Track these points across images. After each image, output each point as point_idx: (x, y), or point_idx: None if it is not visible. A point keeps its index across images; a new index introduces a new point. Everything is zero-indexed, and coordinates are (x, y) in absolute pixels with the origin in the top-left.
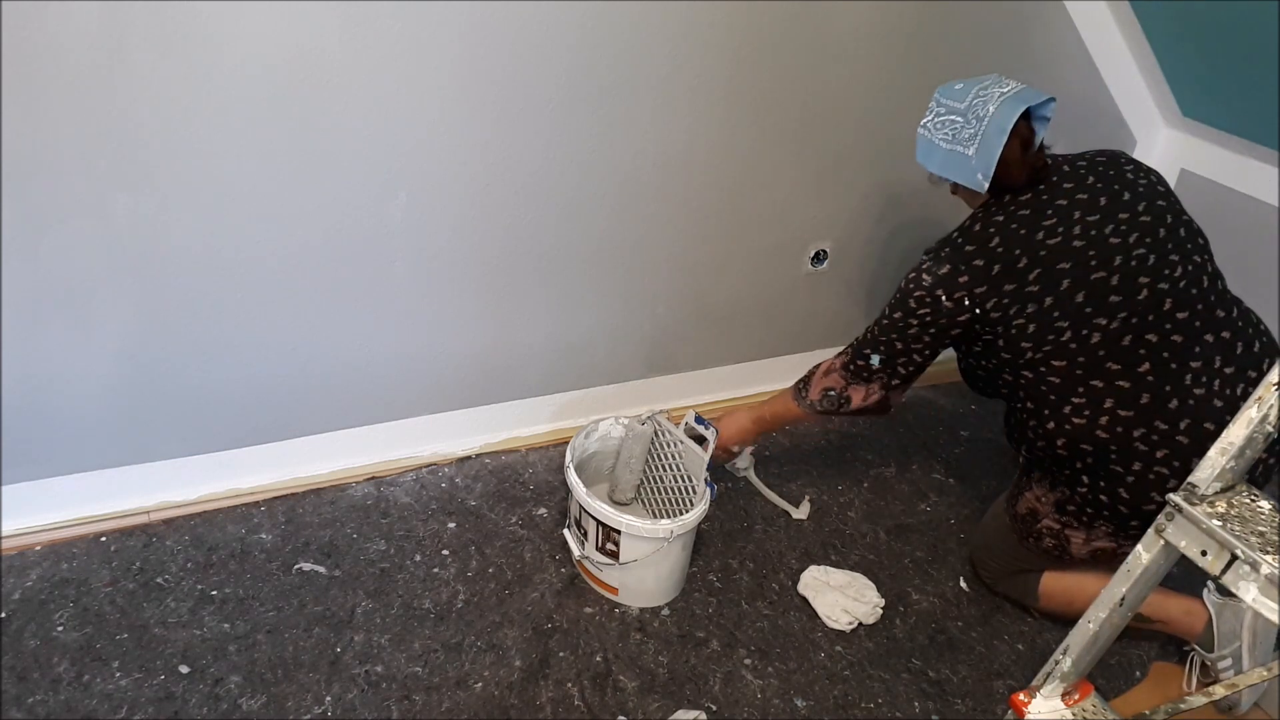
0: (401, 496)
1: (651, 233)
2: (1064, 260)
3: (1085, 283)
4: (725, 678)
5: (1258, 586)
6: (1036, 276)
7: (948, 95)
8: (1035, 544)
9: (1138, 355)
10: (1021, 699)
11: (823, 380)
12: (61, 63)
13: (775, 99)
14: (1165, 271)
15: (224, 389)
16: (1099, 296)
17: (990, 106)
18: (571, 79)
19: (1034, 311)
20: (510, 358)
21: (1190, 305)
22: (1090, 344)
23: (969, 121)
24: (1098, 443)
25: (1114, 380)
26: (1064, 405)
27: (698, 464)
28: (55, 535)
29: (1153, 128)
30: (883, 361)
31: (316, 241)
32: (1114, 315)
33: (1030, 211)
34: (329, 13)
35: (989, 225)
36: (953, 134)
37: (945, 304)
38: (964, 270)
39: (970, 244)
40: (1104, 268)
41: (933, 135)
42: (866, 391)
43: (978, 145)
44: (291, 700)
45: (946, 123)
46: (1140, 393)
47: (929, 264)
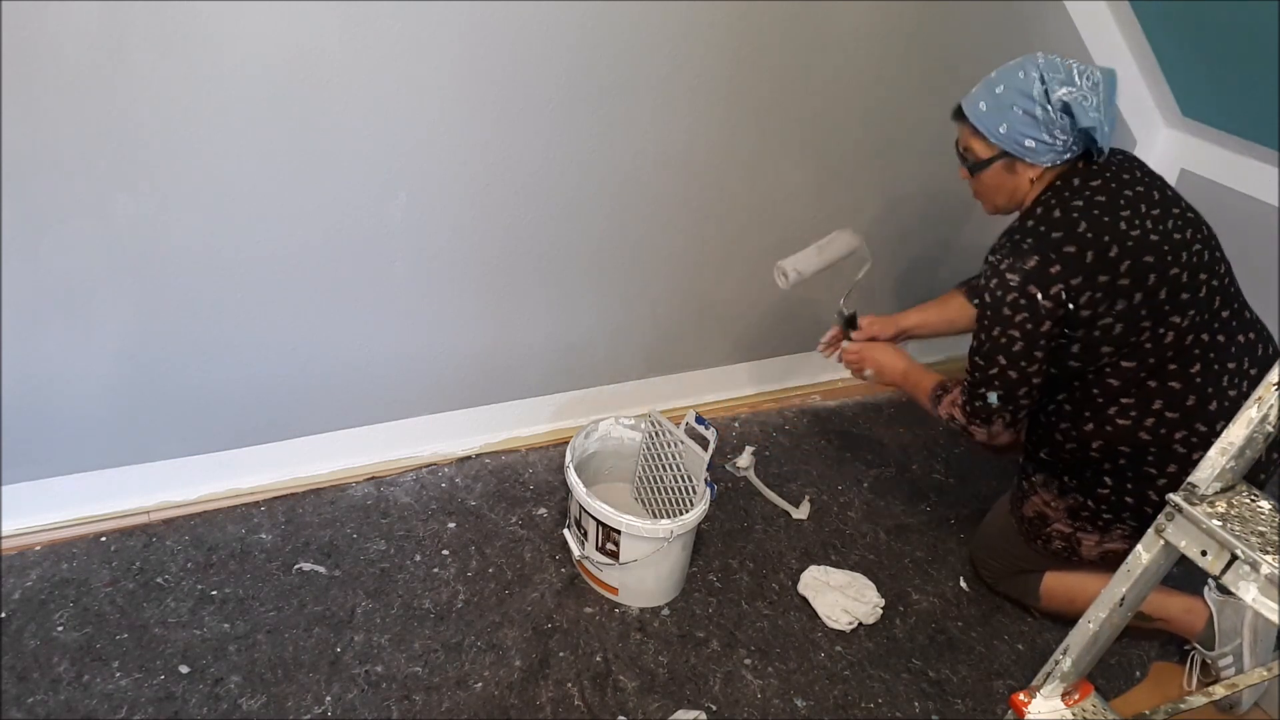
0: (401, 496)
1: (652, 233)
2: (1148, 254)
3: (1166, 278)
4: (725, 678)
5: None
6: (1128, 269)
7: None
8: (1044, 546)
9: (1193, 355)
10: (1021, 699)
11: (949, 407)
12: (61, 63)
13: (775, 99)
14: (1216, 269)
15: (224, 389)
16: (1175, 294)
17: (1096, 75)
18: (571, 79)
19: (1123, 309)
20: (510, 358)
21: (1230, 304)
22: (1165, 344)
23: (1092, 90)
24: (1138, 444)
25: (1168, 381)
26: (1110, 407)
27: (698, 464)
28: (55, 535)
29: (1153, 128)
30: (1001, 398)
31: (316, 241)
32: (1185, 313)
33: (1106, 198)
34: (329, 13)
35: (1069, 209)
36: (1086, 104)
37: (1044, 302)
38: (1055, 260)
39: (1056, 230)
40: (1177, 264)
41: (1078, 101)
42: (989, 434)
43: (1105, 111)
44: (291, 700)
45: (1075, 95)
46: (1188, 394)
47: (1009, 261)
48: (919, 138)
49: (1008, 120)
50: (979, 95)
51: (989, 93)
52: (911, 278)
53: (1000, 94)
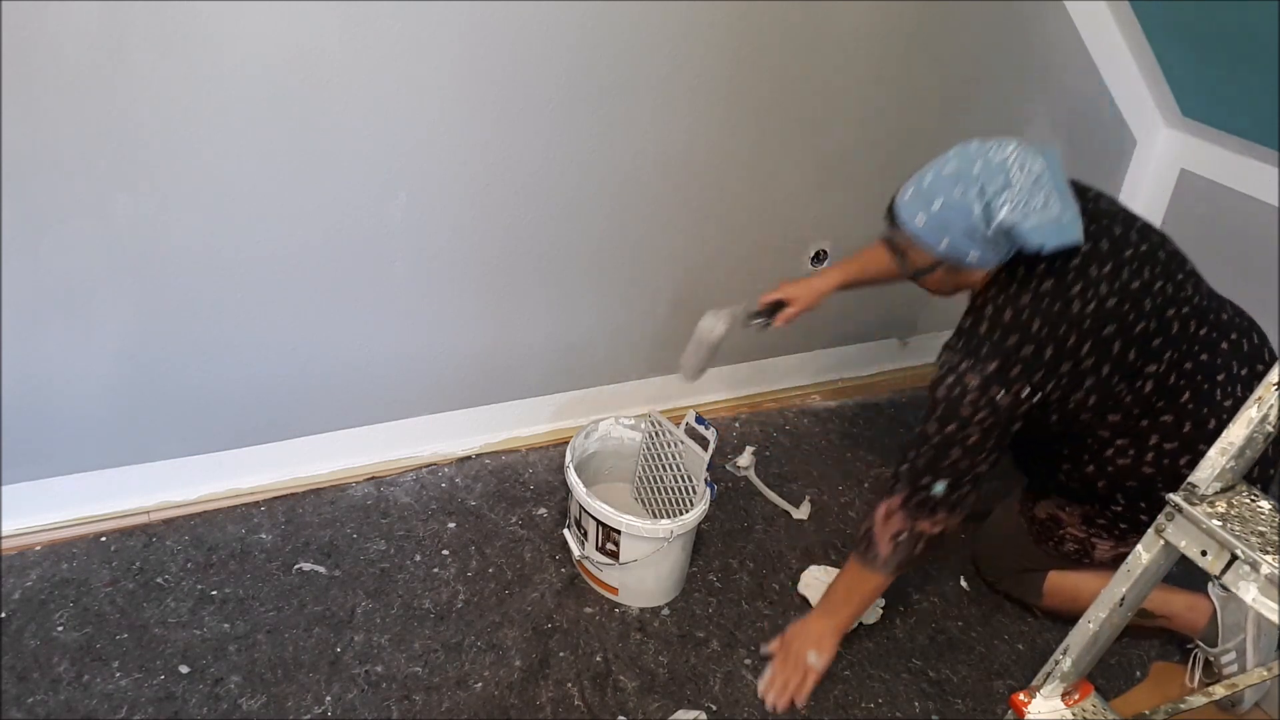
0: (401, 496)
1: (652, 233)
2: (1108, 324)
3: (1131, 338)
4: (725, 678)
5: (1258, 586)
6: (1090, 349)
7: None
8: (1055, 548)
9: (1180, 387)
10: (1021, 699)
11: (886, 528)
12: (61, 63)
13: (775, 99)
14: (1181, 295)
15: (224, 389)
16: (1145, 346)
17: (1036, 163)
18: (571, 79)
19: (1092, 384)
20: (510, 358)
21: (1205, 319)
22: (1144, 393)
23: (1034, 187)
24: (1143, 478)
25: (1160, 417)
26: (1107, 449)
27: (698, 464)
28: (55, 535)
29: (1153, 128)
30: (950, 486)
31: (317, 241)
32: (1160, 357)
33: (1054, 281)
34: (329, 13)
35: (1019, 308)
36: (1029, 205)
37: (1003, 401)
38: (1015, 362)
39: (1010, 333)
40: (1141, 317)
41: (1020, 219)
42: (933, 522)
43: (1062, 201)
44: (291, 700)
45: (1017, 199)
46: (1184, 422)
47: (966, 365)
48: (919, 138)
49: (949, 237)
50: (914, 206)
51: (925, 206)
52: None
53: (937, 211)
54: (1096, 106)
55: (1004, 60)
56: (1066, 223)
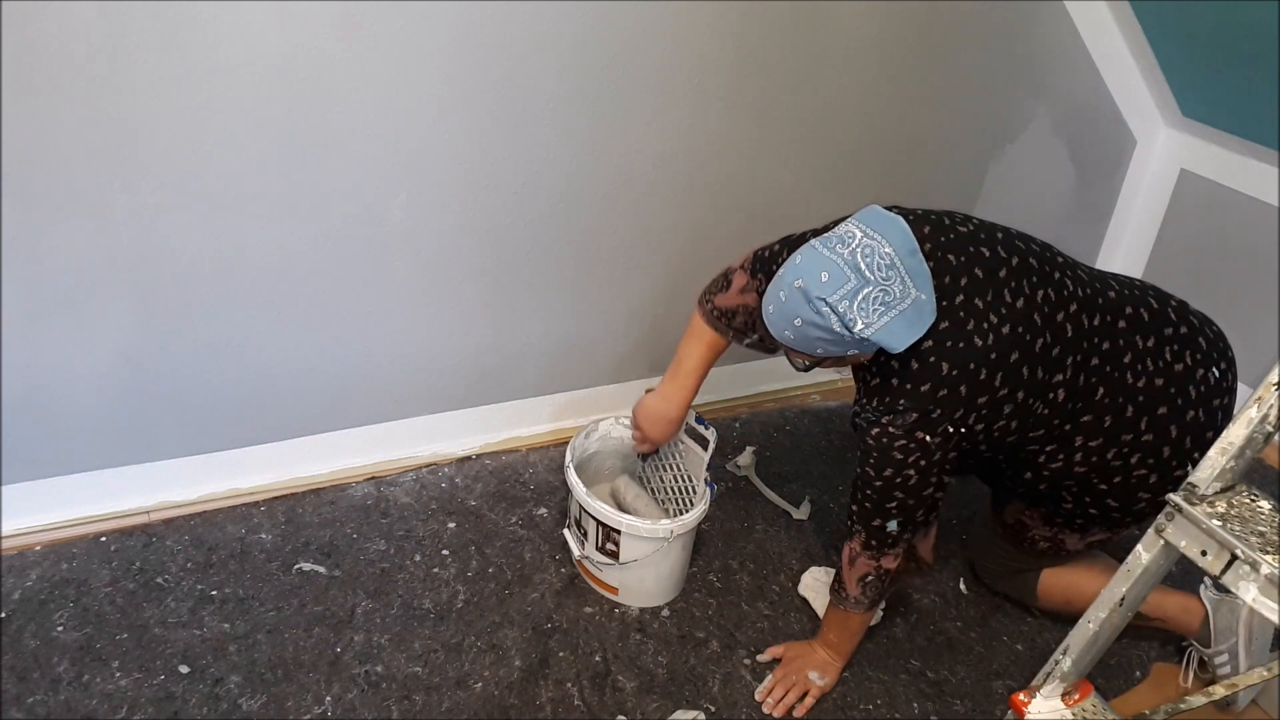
0: (401, 496)
1: (651, 232)
2: (1011, 351)
3: (1034, 356)
4: (724, 678)
5: (1258, 586)
6: (1001, 380)
7: (831, 289)
8: (1030, 548)
9: (1091, 385)
10: (1021, 699)
11: (851, 571)
12: (61, 63)
13: (775, 99)
14: (1064, 294)
15: (224, 389)
16: (1047, 359)
17: (883, 248)
18: (570, 79)
19: (1011, 410)
20: (510, 357)
21: (1094, 307)
22: (1058, 402)
23: (892, 277)
24: (1078, 477)
25: (1080, 418)
26: (1038, 456)
27: (698, 464)
28: (55, 535)
29: (1153, 128)
30: (901, 524)
31: (317, 241)
32: (1063, 365)
33: (948, 324)
34: (329, 12)
35: (924, 356)
36: (885, 298)
37: (932, 441)
38: (933, 406)
39: (921, 382)
40: (1036, 334)
41: (879, 320)
42: (895, 555)
43: (915, 282)
44: (291, 700)
45: (869, 297)
46: (1103, 416)
47: (889, 417)
48: (919, 137)
49: (820, 346)
50: (777, 323)
51: (788, 324)
52: None
53: (800, 328)
54: (1096, 106)
55: (1004, 61)
56: (924, 301)
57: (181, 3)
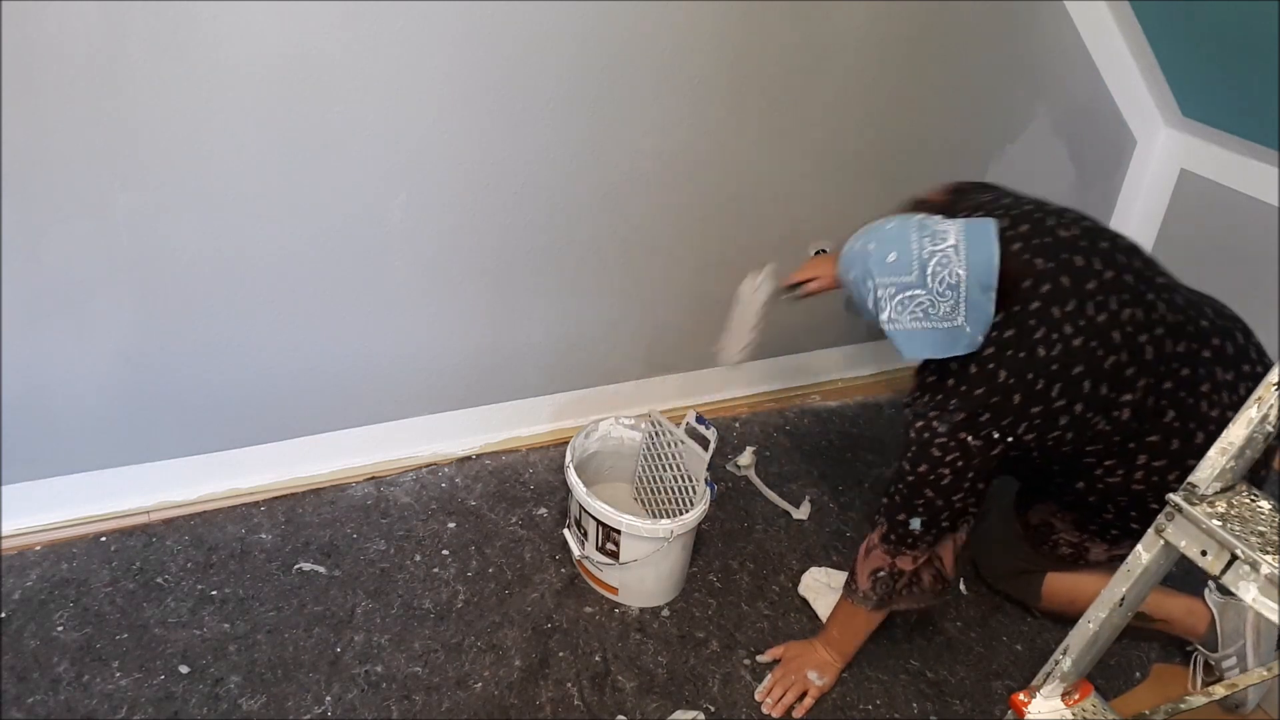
0: (401, 496)
1: (651, 232)
2: (1076, 364)
3: (1103, 373)
4: (724, 678)
5: (1258, 586)
6: (1059, 391)
7: (882, 271)
8: (1050, 551)
9: (1161, 408)
10: (1021, 699)
11: (866, 564)
12: (61, 63)
13: (775, 99)
14: (1153, 316)
15: (224, 389)
16: (1118, 378)
17: (959, 269)
18: (571, 79)
19: (1066, 422)
20: (510, 357)
21: (1183, 334)
22: (1122, 421)
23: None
24: (1133, 494)
25: (1145, 438)
26: (1096, 469)
27: (698, 464)
28: (55, 535)
29: (1153, 128)
30: (925, 524)
31: (317, 241)
32: (1135, 386)
33: (1014, 331)
34: (329, 12)
35: (982, 359)
36: (924, 311)
37: (974, 445)
38: (982, 411)
39: (976, 386)
40: (1111, 350)
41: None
42: (914, 558)
43: (969, 315)
44: (291, 700)
45: (907, 300)
46: (1170, 439)
47: (935, 414)
48: (919, 136)
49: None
50: (844, 261)
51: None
52: None
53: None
54: (1096, 106)
55: (1004, 61)
56: (966, 334)
57: (181, 3)
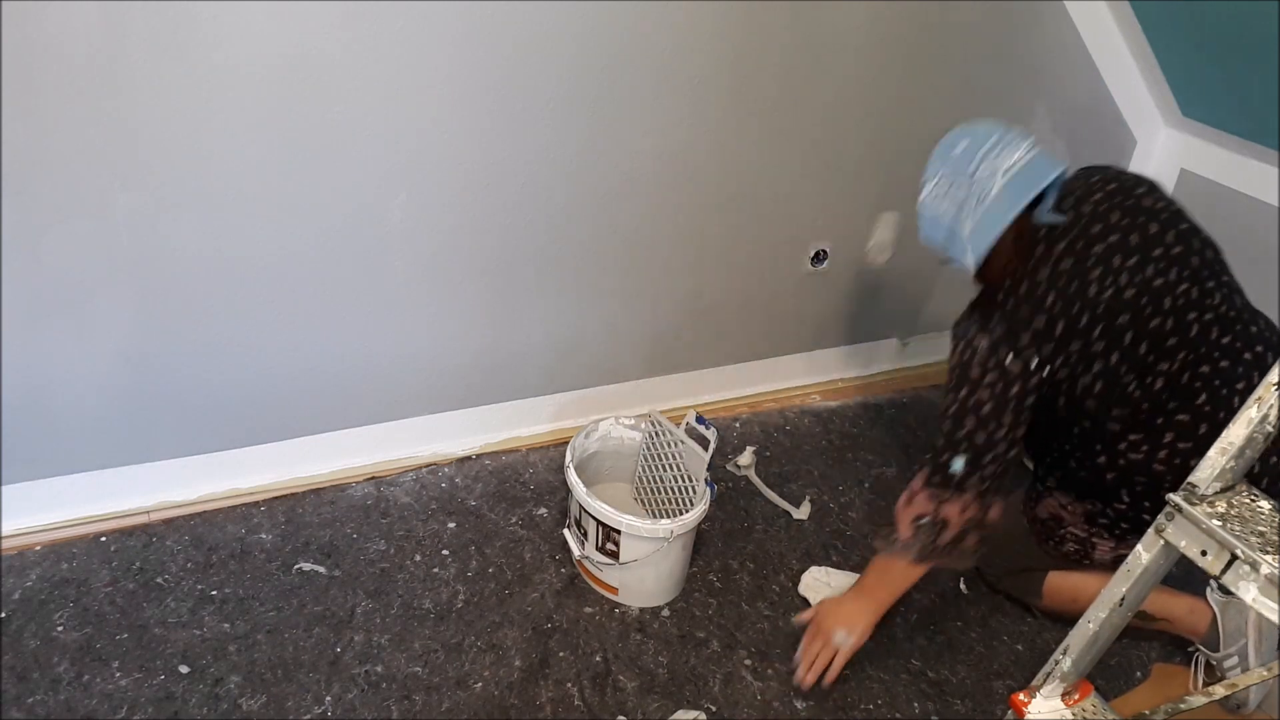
0: (401, 496)
1: (651, 232)
2: (1122, 313)
3: (1145, 332)
4: (725, 678)
5: (1258, 586)
6: (1100, 333)
7: (945, 161)
8: (1055, 548)
9: (1194, 389)
10: (1021, 699)
11: (908, 511)
12: (61, 63)
13: (775, 98)
14: (1207, 301)
15: (224, 389)
16: (1159, 343)
17: (993, 186)
18: (571, 79)
19: (1100, 369)
20: (510, 357)
21: (1231, 328)
22: (1154, 390)
23: (972, 195)
24: (1154, 475)
25: (1174, 416)
26: (1119, 443)
27: (698, 464)
28: (55, 535)
29: (1153, 128)
30: (968, 463)
31: (316, 241)
32: (1174, 358)
33: (1074, 261)
34: (329, 12)
35: (1034, 283)
36: (952, 203)
37: (1012, 366)
38: (1025, 330)
39: (1022, 305)
40: (1159, 314)
41: (931, 205)
42: (961, 505)
43: (974, 224)
44: (291, 700)
45: (946, 187)
46: (1199, 423)
47: (976, 331)
48: (919, 136)
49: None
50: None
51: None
52: (912, 277)
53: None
54: (1096, 106)
55: (1004, 60)
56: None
57: (181, 3)
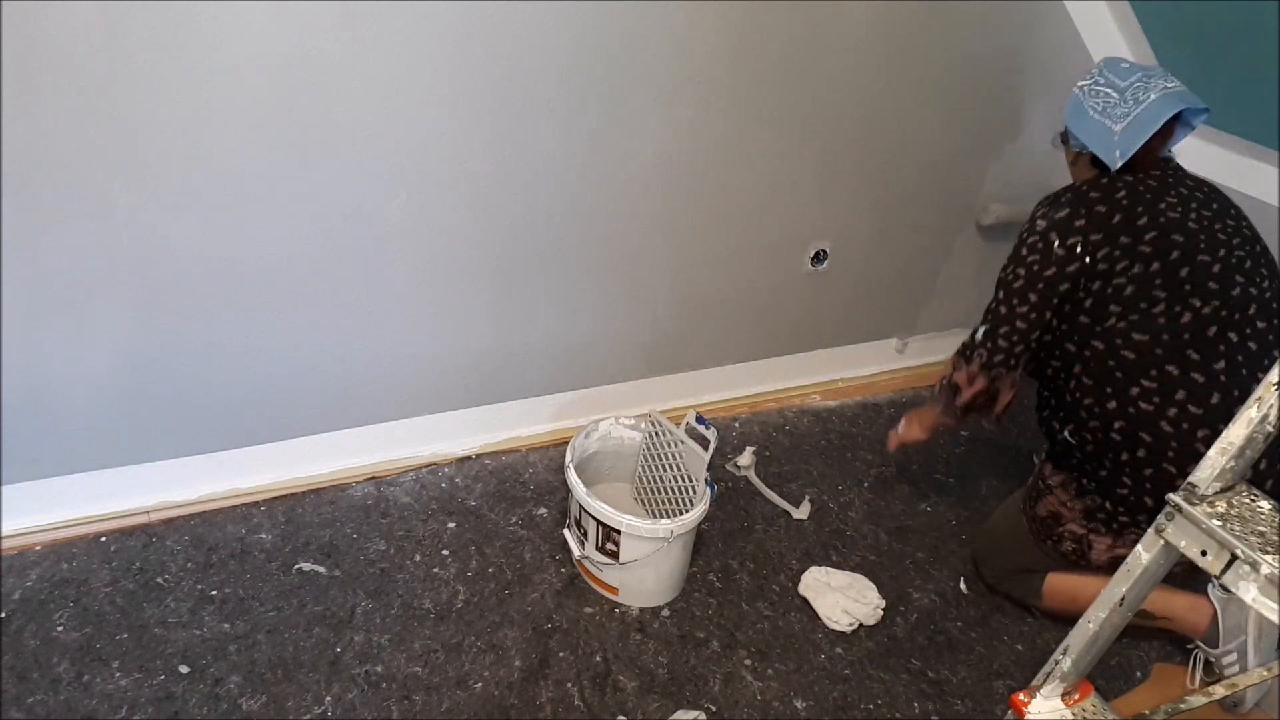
0: (401, 496)
1: (651, 232)
2: (1178, 233)
3: (1192, 260)
4: (725, 678)
5: (1258, 586)
6: (1152, 239)
7: (1112, 70)
8: (1054, 546)
9: (1217, 351)
10: (1021, 699)
11: (943, 371)
12: (61, 63)
13: (775, 98)
14: (1257, 279)
15: (224, 389)
16: (1199, 278)
17: (1151, 94)
18: (572, 80)
19: (1139, 273)
20: (510, 358)
21: (1270, 319)
22: (1180, 323)
23: (1124, 100)
24: (1160, 435)
25: (1190, 371)
26: (1132, 386)
27: (698, 464)
28: (55, 535)
29: None
30: (986, 333)
31: (317, 241)
32: (1208, 301)
33: (1156, 184)
34: (329, 13)
35: (1116, 184)
36: (1104, 106)
37: (1057, 250)
38: (1084, 214)
39: (1095, 192)
40: (1210, 254)
41: (1084, 99)
42: (969, 374)
43: (1126, 125)
44: (291, 700)
45: (1101, 94)
46: (1212, 391)
47: (1045, 209)
48: (920, 136)
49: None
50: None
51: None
52: (912, 277)
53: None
54: None
55: (1004, 60)
56: (1109, 139)
57: (181, 3)
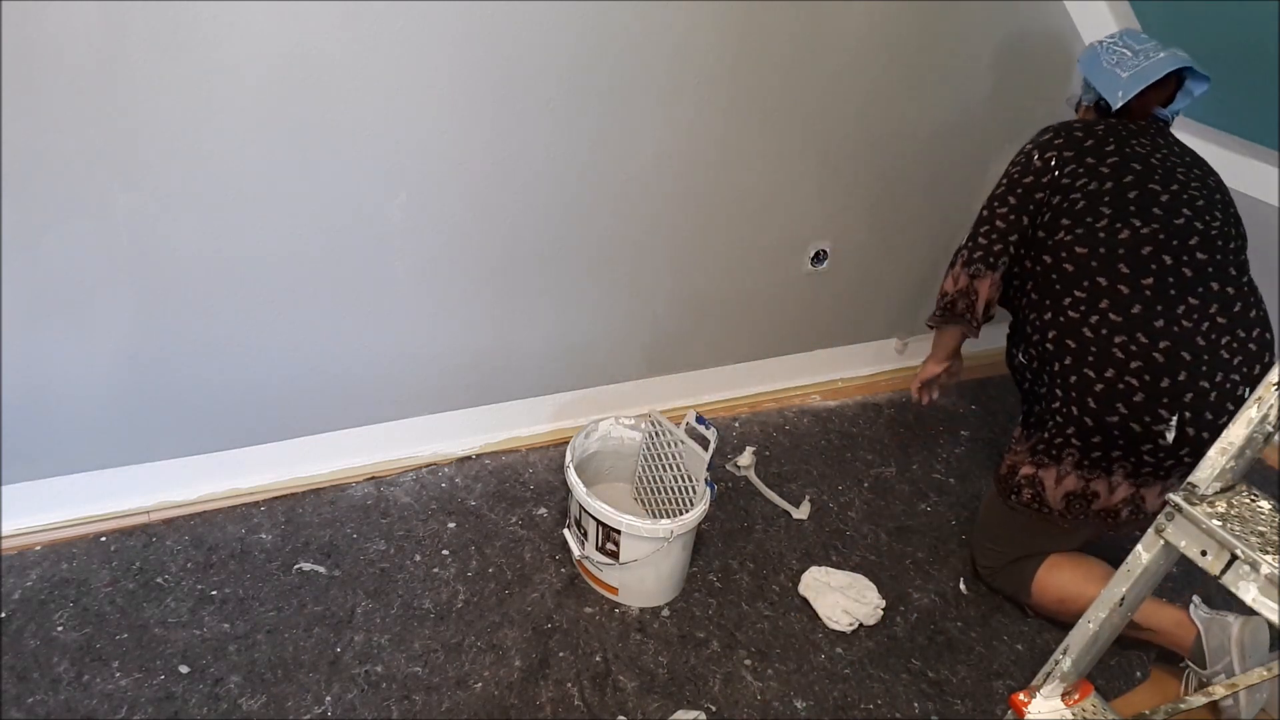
0: (401, 496)
1: (651, 233)
2: (1138, 163)
3: (1142, 186)
4: (725, 678)
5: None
6: (1112, 163)
7: (1131, 36)
8: (1016, 499)
9: (1148, 269)
10: (1021, 699)
11: None
12: (61, 63)
13: (775, 98)
14: (1206, 218)
15: (224, 389)
16: (1145, 202)
17: (1160, 54)
18: (572, 80)
19: (1093, 190)
20: (510, 358)
21: (1211, 252)
22: (1117, 239)
23: (1136, 57)
24: (1081, 340)
25: (1116, 283)
26: (1065, 298)
27: (698, 464)
28: (55, 535)
29: None
30: (969, 236)
31: (317, 241)
32: (1148, 223)
33: (1137, 129)
34: (329, 12)
35: (1101, 121)
36: (1117, 60)
37: (1035, 162)
38: (1064, 137)
39: (1079, 125)
40: (1162, 185)
41: (1101, 53)
42: (953, 275)
43: (1132, 73)
44: (291, 700)
45: (1117, 51)
46: (1134, 302)
47: (1036, 137)
48: (919, 136)
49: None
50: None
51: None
52: (912, 277)
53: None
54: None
55: (1004, 60)
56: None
57: (181, 2)
